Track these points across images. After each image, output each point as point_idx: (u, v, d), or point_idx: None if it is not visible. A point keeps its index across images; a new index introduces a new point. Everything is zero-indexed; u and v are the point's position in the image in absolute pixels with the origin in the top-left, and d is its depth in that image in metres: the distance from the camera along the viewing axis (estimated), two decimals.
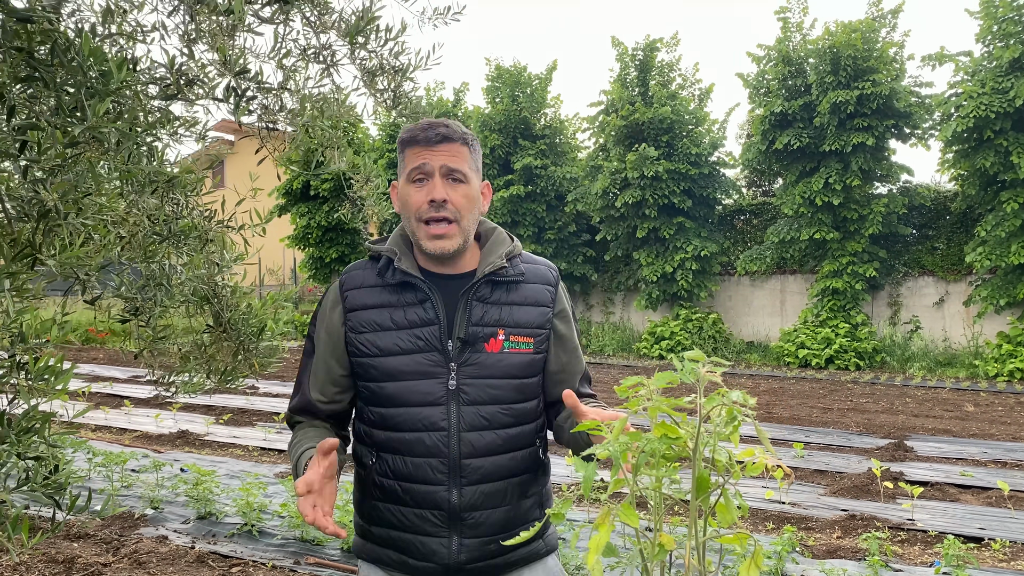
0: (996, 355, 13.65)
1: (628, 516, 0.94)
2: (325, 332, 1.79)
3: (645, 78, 17.01)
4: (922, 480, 6.30)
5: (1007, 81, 13.21)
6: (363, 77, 3.10)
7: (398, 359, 1.70)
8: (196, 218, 2.94)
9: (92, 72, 1.82)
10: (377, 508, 1.74)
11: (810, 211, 15.04)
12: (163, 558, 4.57)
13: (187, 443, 7.90)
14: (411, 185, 1.72)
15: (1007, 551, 4.76)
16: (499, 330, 1.73)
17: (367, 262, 1.84)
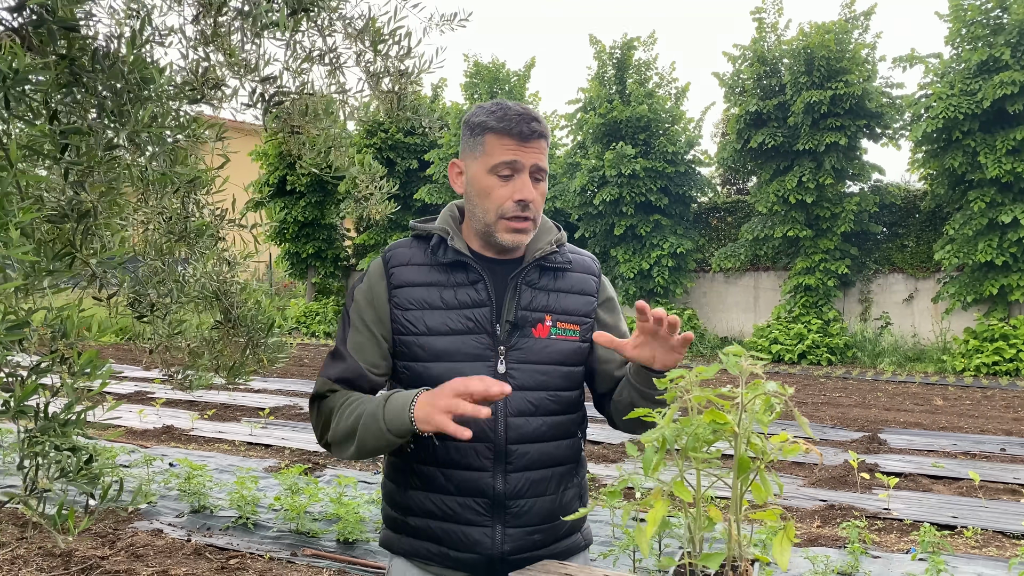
0: (963, 351, 14.00)
1: (681, 491, 1.05)
2: (368, 304, 1.73)
3: (623, 76, 17.17)
4: (896, 471, 6.50)
5: (975, 83, 13.54)
6: (368, 80, 3.18)
7: (447, 339, 1.66)
8: (208, 216, 3.01)
9: (132, 78, 1.89)
10: (415, 497, 1.67)
11: (784, 209, 15.30)
12: (160, 551, 4.62)
13: (173, 438, 7.92)
14: (495, 177, 1.66)
15: (979, 538, 4.95)
16: (546, 316, 1.72)
17: (411, 240, 1.79)
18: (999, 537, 5.00)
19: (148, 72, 1.89)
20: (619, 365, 1.83)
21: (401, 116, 3.27)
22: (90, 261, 1.95)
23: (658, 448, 1.06)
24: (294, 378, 12.34)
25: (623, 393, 1.75)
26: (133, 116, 1.83)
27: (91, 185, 2.00)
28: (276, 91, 2.33)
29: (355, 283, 1.80)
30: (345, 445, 1.63)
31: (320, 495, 5.11)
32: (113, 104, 1.86)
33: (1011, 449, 7.63)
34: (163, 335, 2.94)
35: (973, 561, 4.49)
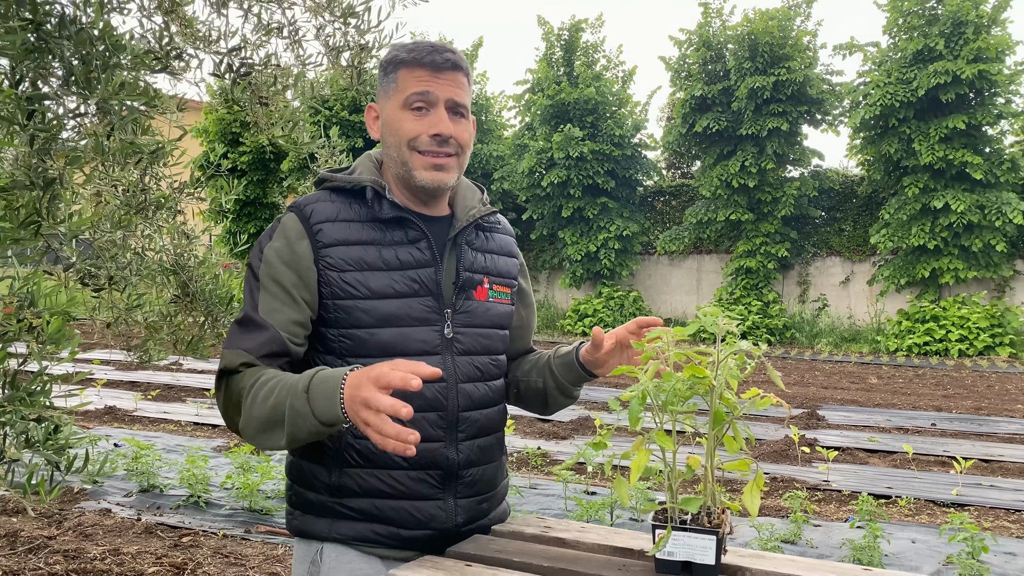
0: (896, 331, 14.52)
1: (663, 440, 1.12)
2: (285, 265, 1.51)
3: (570, 58, 17.25)
4: (835, 445, 6.75)
5: (911, 72, 13.96)
6: (328, 54, 3.17)
7: (393, 303, 1.51)
8: (167, 189, 2.98)
9: (101, 45, 1.87)
10: (355, 477, 1.50)
11: (727, 193, 15.60)
12: (109, 530, 4.57)
13: (116, 419, 7.78)
14: (407, 111, 1.51)
15: (912, 507, 5.20)
16: (484, 278, 1.63)
17: (328, 194, 1.59)
18: (930, 506, 5.25)
19: (116, 39, 1.88)
20: (526, 335, 1.81)
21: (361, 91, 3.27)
22: (57, 230, 1.93)
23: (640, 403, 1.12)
24: None
25: (535, 378, 1.71)
26: (103, 84, 1.82)
27: (56, 153, 1.98)
28: (242, 63, 2.32)
29: (263, 242, 1.56)
30: (267, 435, 1.39)
31: (273, 473, 5.10)
32: (81, 72, 1.84)
33: (941, 424, 7.98)
34: (121, 309, 2.91)
35: (907, 528, 4.71)
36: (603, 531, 1.43)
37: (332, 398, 1.29)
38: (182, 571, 4.01)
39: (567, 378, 1.65)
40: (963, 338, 13.82)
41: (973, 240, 13.72)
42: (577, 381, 1.65)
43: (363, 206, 1.56)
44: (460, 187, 1.68)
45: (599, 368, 1.58)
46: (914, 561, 4.16)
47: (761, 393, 1.17)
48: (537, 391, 1.73)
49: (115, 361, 11.02)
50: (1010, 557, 4.24)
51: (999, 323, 13.89)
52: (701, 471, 1.18)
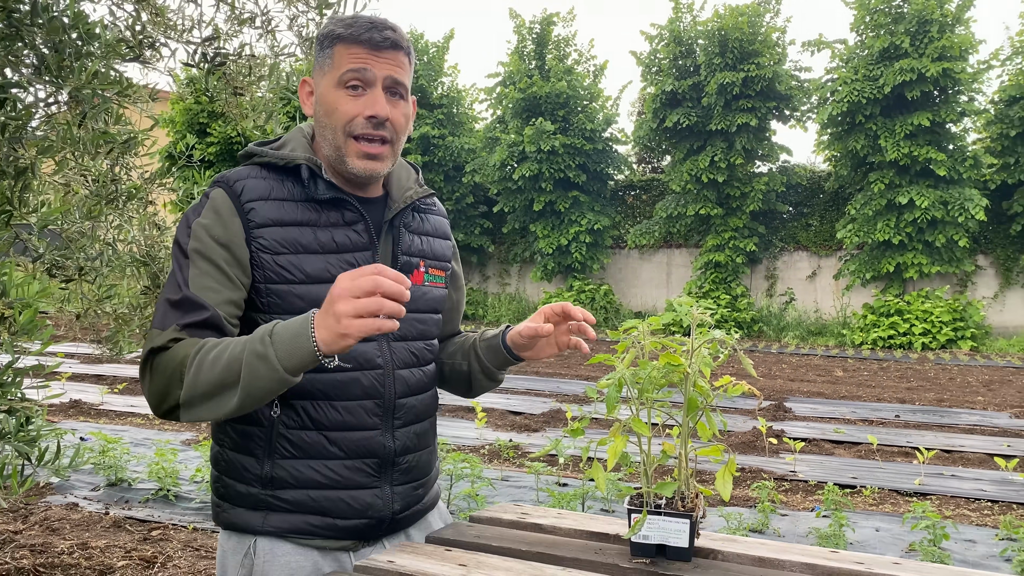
0: (862, 325, 14.76)
1: (639, 427, 1.15)
2: (216, 242, 1.42)
3: (542, 52, 17.27)
4: (801, 437, 6.86)
5: (877, 69, 14.17)
6: (301, 44, 3.16)
7: (329, 287, 1.36)
8: (137, 180, 2.96)
9: (74, 33, 1.86)
10: (288, 468, 1.44)
11: (696, 188, 15.74)
12: (77, 524, 4.52)
13: (82, 412, 7.68)
14: (342, 90, 1.44)
15: (876, 496, 5.30)
16: (420, 261, 1.59)
17: (259, 170, 1.49)
18: (894, 495, 5.36)
19: (91, 28, 1.86)
20: (455, 317, 1.77)
21: None
22: (28, 219, 1.91)
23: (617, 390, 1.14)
24: None
25: (460, 361, 1.70)
26: (76, 73, 1.80)
27: (27, 142, 1.96)
28: (216, 52, 2.31)
29: (190, 217, 1.46)
30: (216, 399, 1.30)
31: None
32: (54, 60, 1.83)
33: (905, 416, 8.14)
34: (91, 300, 2.88)
35: (871, 517, 4.81)
36: (580, 517, 1.46)
37: (301, 343, 1.23)
38: (152, 564, 3.99)
39: (492, 362, 1.63)
40: (926, 332, 14.08)
41: (937, 235, 13.97)
42: (502, 364, 1.63)
43: (296, 184, 1.48)
44: (396, 165, 1.62)
45: (527, 351, 1.56)
46: (878, 548, 4.25)
47: (733, 380, 1.20)
48: (462, 374, 1.70)
49: (81, 354, 10.87)
50: (970, 544, 4.35)
51: (961, 317, 14.17)
52: (675, 458, 1.21)
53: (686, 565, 1.21)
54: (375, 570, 1.23)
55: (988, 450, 6.49)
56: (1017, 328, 14.72)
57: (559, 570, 1.18)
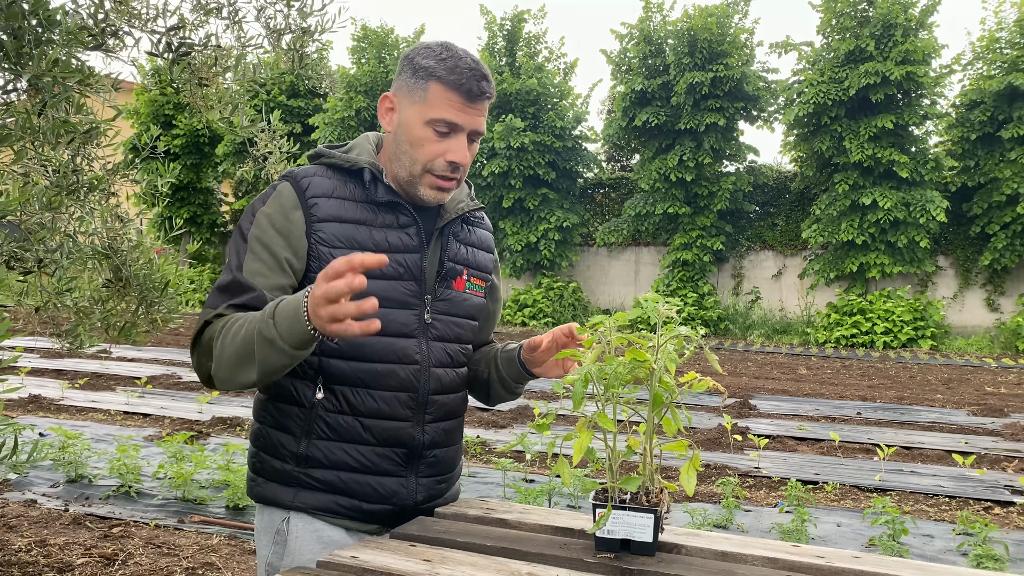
0: (825, 323, 14.97)
1: (604, 422, 1.15)
2: (277, 232, 1.53)
3: (513, 48, 17.26)
4: (766, 434, 6.94)
5: (843, 71, 14.37)
6: (269, 36, 3.13)
7: (377, 283, 1.52)
8: (99, 170, 2.91)
9: (34, 20, 1.82)
10: (324, 448, 1.54)
11: (665, 186, 15.84)
12: (35, 521, 4.43)
13: (41, 408, 7.53)
14: (430, 130, 1.53)
15: (838, 492, 5.38)
16: (464, 270, 1.68)
17: (324, 169, 1.62)
18: (855, 491, 5.44)
19: (50, 14, 1.82)
20: (488, 327, 1.84)
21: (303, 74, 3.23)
22: None
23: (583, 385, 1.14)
24: (170, 347, 11.90)
25: (482, 368, 1.77)
26: (35, 60, 1.76)
27: None
28: (181, 42, 2.27)
29: (255, 206, 1.58)
30: (240, 370, 1.41)
31: (207, 462, 5.01)
32: (12, 47, 1.78)
33: (866, 413, 8.28)
34: (50, 293, 2.83)
35: (833, 512, 4.88)
36: (544, 512, 1.46)
37: (297, 313, 1.31)
38: (112, 562, 3.92)
39: (509, 373, 1.70)
40: (888, 331, 14.32)
41: (899, 236, 14.21)
42: (518, 378, 1.70)
43: (358, 186, 1.60)
44: None
45: (536, 367, 1.64)
46: (839, 543, 4.31)
47: (698, 376, 1.21)
48: (482, 381, 1.77)
49: (40, 348, 10.66)
50: (928, 539, 4.43)
51: (922, 316, 14.43)
52: (640, 453, 1.21)
53: (650, 560, 1.21)
54: (339, 565, 1.22)
55: (946, 447, 6.62)
56: (975, 328, 15.03)
57: (524, 564, 1.18)
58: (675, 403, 1.18)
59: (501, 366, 1.71)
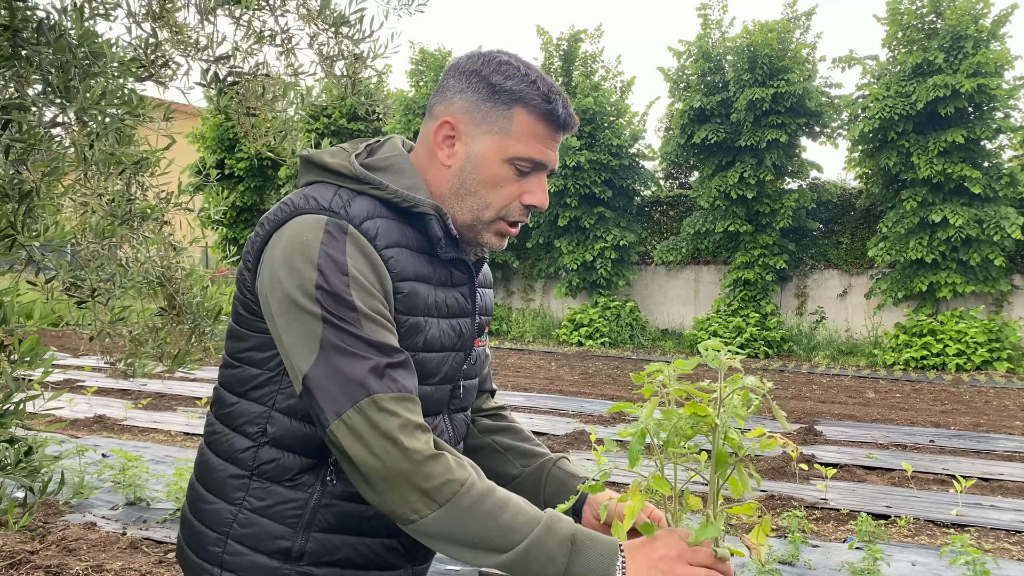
0: (893, 345, 14.46)
1: (659, 484, 1.05)
2: (373, 286, 1.19)
3: (569, 68, 17.23)
4: (832, 462, 6.67)
5: (910, 85, 13.94)
6: (321, 63, 3.11)
7: (436, 356, 1.30)
8: (153, 199, 2.91)
9: (81, 52, 1.80)
10: (325, 544, 1.28)
11: (725, 204, 15.55)
12: (94, 545, 4.47)
13: (105, 428, 7.68)
14: (511, 169, 1.27)
15: (911, 527, 5.12)
16: (486, 327, 1.47)
17: (378, 205, 1.26)
18: (930, 526, 5.17)
19: (98, 47, 1.80)
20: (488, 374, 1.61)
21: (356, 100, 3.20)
22: (32, 244, 1.86)
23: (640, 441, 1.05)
24: None
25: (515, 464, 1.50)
26: (82, 92, 1.74)
27: (33, 164, 1.91)
28: (230, 71, 2.25)
29: (337, 257, 1.18)
30: (463, 550, 1.11)
31: None
32: (59, 80, 1.77)
33: (939, 441, 7.91)
34: (104, 321, 2.84)
35: (907, 549, 4.63)
36: None
37: (608, 563, 1.08)
38: None
39: (548, 500, 1.43)
40: (960, 352, 13.76)
41: (971, 254, 13.68)
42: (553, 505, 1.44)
43: (414, 230, 1.28)
44: None
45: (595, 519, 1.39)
46: None
47: (768, 432, 1.09)
48: (506, 475, 1.50)
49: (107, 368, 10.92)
50: None
51: (997, 338, 13.84)
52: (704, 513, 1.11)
53: None
54: None
55: None
56: None
57: None
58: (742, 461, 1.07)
59: (546, 494, 1.44)
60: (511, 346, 16.73)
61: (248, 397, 1.29)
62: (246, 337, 1.29)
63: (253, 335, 1.28)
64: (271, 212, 1.28)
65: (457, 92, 1.30)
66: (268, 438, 1.27)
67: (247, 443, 1.29)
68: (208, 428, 1.36)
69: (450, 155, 1.30)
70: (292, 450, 1.27)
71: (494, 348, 16.31)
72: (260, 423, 1.28)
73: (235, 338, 1.32)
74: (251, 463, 1.28)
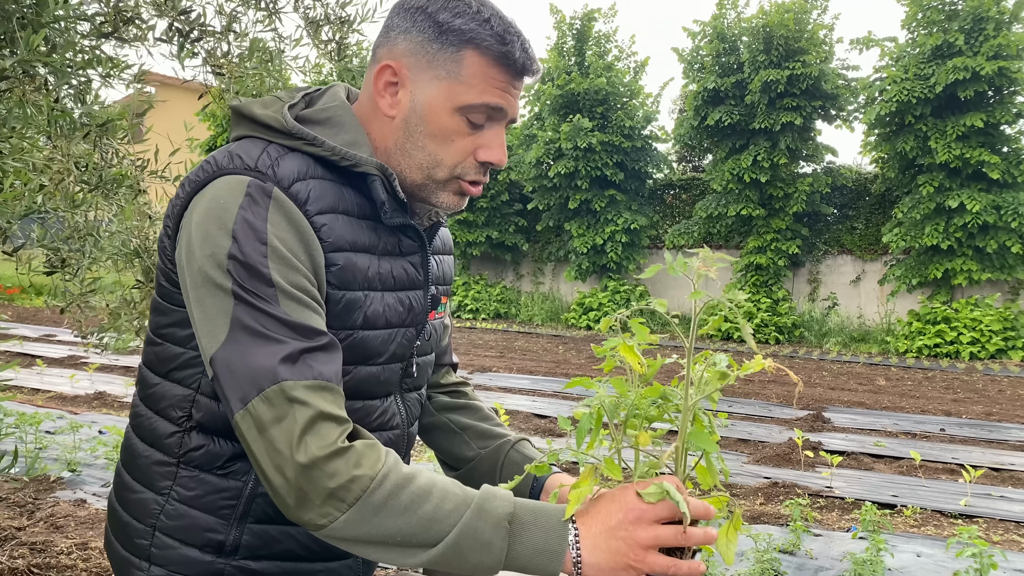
0: (906, 332, 14.25)
1: (611, 469, 0.93)
2: (298, 256, 1.05)
3: (582, 48, 17.00)
4: (839, 450, 6.54)
5: (929, 68, 13.66)
6: (307, 27, 2.98)
7: (380, 334, 1.15)
8: (127, 167, 2.80)
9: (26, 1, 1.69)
10: (262, 536, 1.15)
11: (738, 188, 15.34)
12: (82, 522, 4.40)
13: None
14: (463, 121, 1.12)
15: (918, 517, 4.99)
16: (443, 298, 1.33)
17: (312, 164, 1.10)
18: (937, 516, 5.04)
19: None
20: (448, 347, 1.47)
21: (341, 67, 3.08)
22: None
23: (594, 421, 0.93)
24: None
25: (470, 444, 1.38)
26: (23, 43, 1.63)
27: None
28: (195, 27, 2.13)
29: (255, 224, 1.03)
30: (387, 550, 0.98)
31: None
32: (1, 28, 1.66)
33: (950, 429, 7.75)
34: (75, 293, 2.74)
35: (912, 540, 4.50)
36: None
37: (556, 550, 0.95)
38: None
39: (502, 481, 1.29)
40: (975, 341, 13.55)
41: (988, 241, 13.43)
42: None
43: (355, 193, 1.14)
44: None
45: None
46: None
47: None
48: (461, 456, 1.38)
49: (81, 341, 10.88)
50: (1020, 575, 4.03)
51: (1012, 326, 13.61)
52: None
53: None
54: None
55: None
56: None
57: None
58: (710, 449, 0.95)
59: (502, 478, 1.31)
60: (519, 329, 16.62)
61: (171, 378, 1.17)
62: (168, 311, 1.16)
63: (175, 309, 1.15)
64: (193, 172, 1.13)
65: (401, 32, 1.14)
66: (194, 423, 1.15)
67: (172, 428, 1.17)
68: (133, 410, 1.23)
69: (393, 104, 1.15)
70: (222, 436, 1.15)
71: (502, 332, 16.22)
72: (184, 407, 1.15)
73: (158, 312, 1.19)
74: (177, 450, 1.16)
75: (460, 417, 1.41)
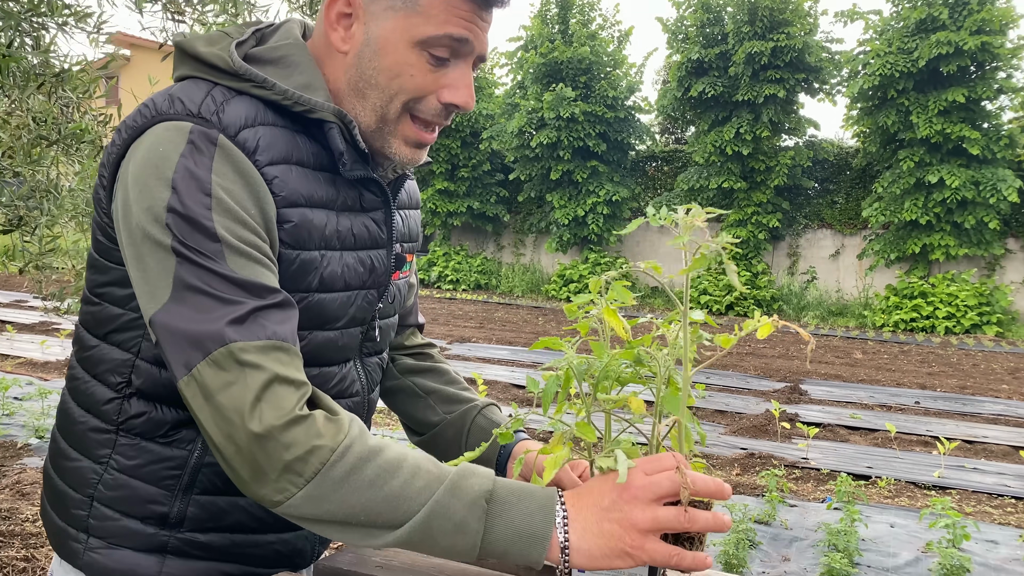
0: (884, 306, 14.35)
1: (584, 431, 0.87)
2: (238, 223, 0.94)
3: (566, 16, 16.81)
4: (816, 422, 6.57)
5: (912, 41, 13.62)
6: None
7: (338, 296, 1.07)
8: (89, 122, 2.69)
9: None
10: (209, 507, 1.09)
11: (720, 160, 15.30)
12: None
13: None
14: (423, 56, 1.01)
15: (892, 488, 5.02)
16: (408, 255, 1.24)
17: (263, 109, 1.00)
18: (911, 488, 5.07)
19: None
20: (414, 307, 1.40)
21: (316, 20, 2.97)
22: None
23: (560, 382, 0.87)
24: None
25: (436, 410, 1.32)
26: None
27: None
28: None
29: (198, 174, 0.93)
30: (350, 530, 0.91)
31: None
32: None
33: (925, 402, 7.82)
34: (34, 252, 2.64)
35: (885, 511, 4.53)
36: None
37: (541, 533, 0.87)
38: None
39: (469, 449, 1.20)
40: (950, 315, 13.67)
41: (966, 217, 13.50)
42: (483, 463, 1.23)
43: (310, 141, 1.04)
44: None
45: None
46: (892, 547, 3.97)
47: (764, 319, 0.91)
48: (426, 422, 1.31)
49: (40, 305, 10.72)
50: (992, 545, 4.06)
51: (987, 301, 13.74)
52: None
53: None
54: None
55: (1013, 442, 6.17)
56: None
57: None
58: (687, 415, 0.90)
59: (468, 445, 1.24)
60: (500, 300, 16.58)
61: (109, 341, 1.07)
62: (105, 269, 1.06)
63: (112, 267, 1.04)
64: (130, 116, 1.01)
65: None
66: (134, 389, 1.06)
67: (110, 394, 1.08)
68: (69, 372, 1.14)
69: (346, 38, 1.03)
70: (165, 402, 1.06)
71: (482, 303, 16.17)
72: (124, 372, 1.06)
73: (94, 269, 1.08)
74: (116, 416, 1.07)
75: (425, 380, 1.34)
